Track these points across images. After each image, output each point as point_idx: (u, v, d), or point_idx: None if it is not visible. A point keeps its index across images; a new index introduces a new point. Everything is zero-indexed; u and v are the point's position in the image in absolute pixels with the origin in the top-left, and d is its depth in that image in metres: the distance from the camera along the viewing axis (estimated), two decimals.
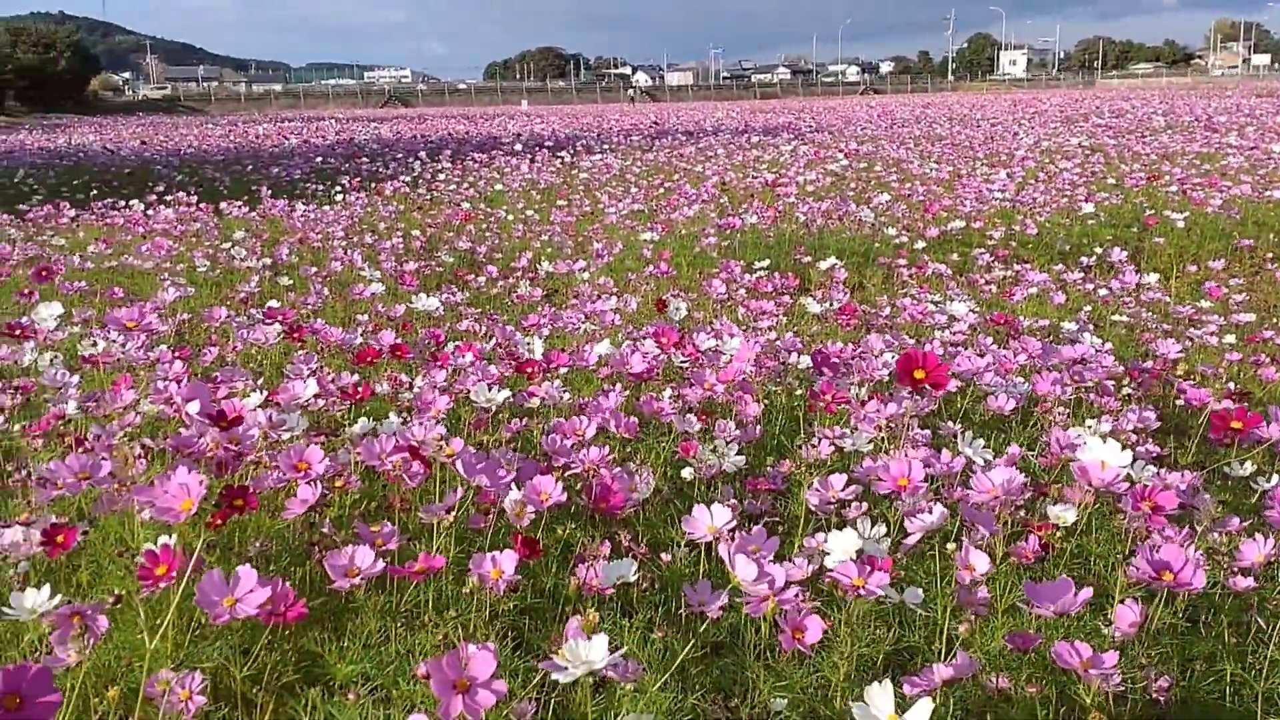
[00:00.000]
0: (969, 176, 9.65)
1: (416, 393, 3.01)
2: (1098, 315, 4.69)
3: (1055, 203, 7.81)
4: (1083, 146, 12.74)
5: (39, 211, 8.19)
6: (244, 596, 1.53)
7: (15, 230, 7.51)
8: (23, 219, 7.97)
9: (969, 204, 7.66)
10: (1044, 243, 6.75)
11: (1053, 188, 8.61)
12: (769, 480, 2.46)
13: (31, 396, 3.10)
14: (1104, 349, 3.29)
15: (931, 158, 11.97)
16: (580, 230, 7.65)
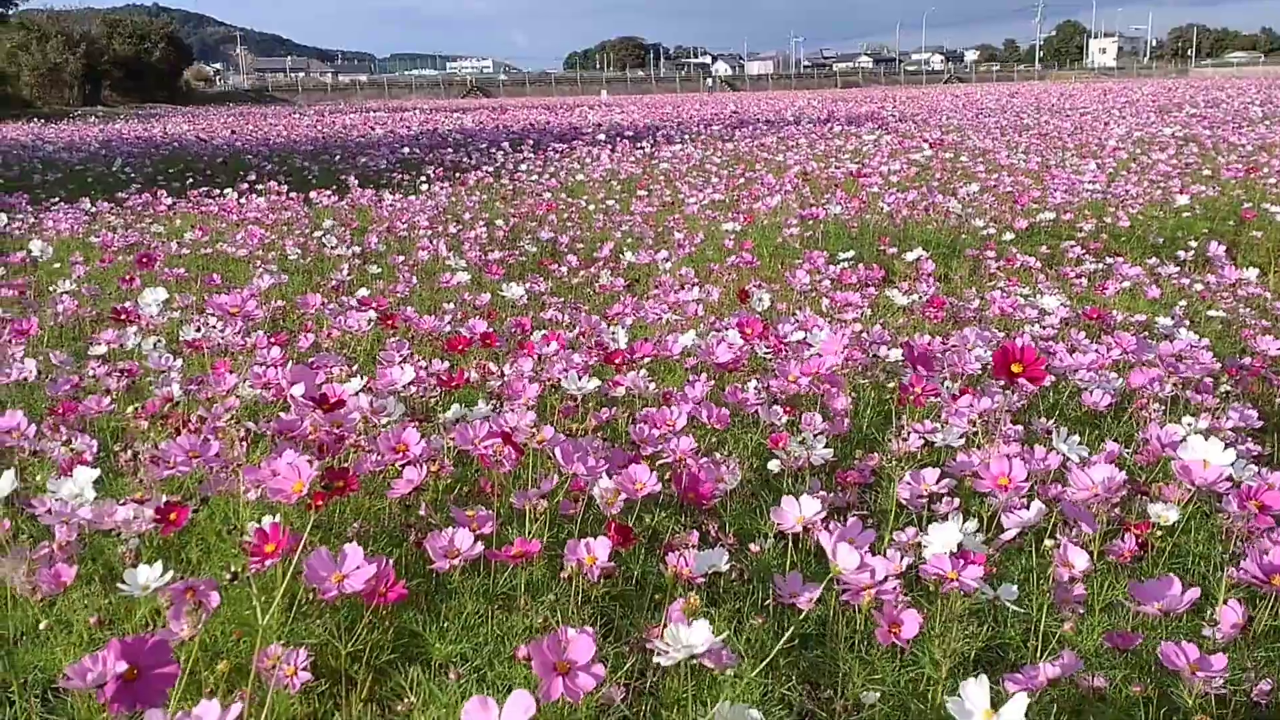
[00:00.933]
0: (1058, 167, 9.47)
1: (506, 380, 3.06)
2: (1193, 311, 4.58)
3: (1148, 195, 7.63)
4: (1176, 137, 12.40)
5: (137, 199, 8.44)
6: (351, 573, 1.57)
7: (115, 218, 7.74)
8: (122, 206, 8.21)
9: (1059, 195, 7.52)
10: (1137, 236, 6.60)
11: (1145, 179, 8.41)
12: (857, 473, 2.46)
13: (136, 380, 3.21)
14: (1201, 345, 3.21)
15: (1019, 148, 11.75)
16: (660, 220, 7.66)
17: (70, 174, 11.60)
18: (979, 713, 1.20)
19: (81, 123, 24.87)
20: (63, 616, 1.77)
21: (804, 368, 2.84)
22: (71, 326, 4.51)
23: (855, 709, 1.68)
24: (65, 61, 44.22)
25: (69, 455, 2.33)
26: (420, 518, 2.17)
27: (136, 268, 4.85)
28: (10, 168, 12.20)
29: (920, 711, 1.55)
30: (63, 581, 1.70)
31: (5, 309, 4.26)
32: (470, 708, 1.10)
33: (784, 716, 1.45)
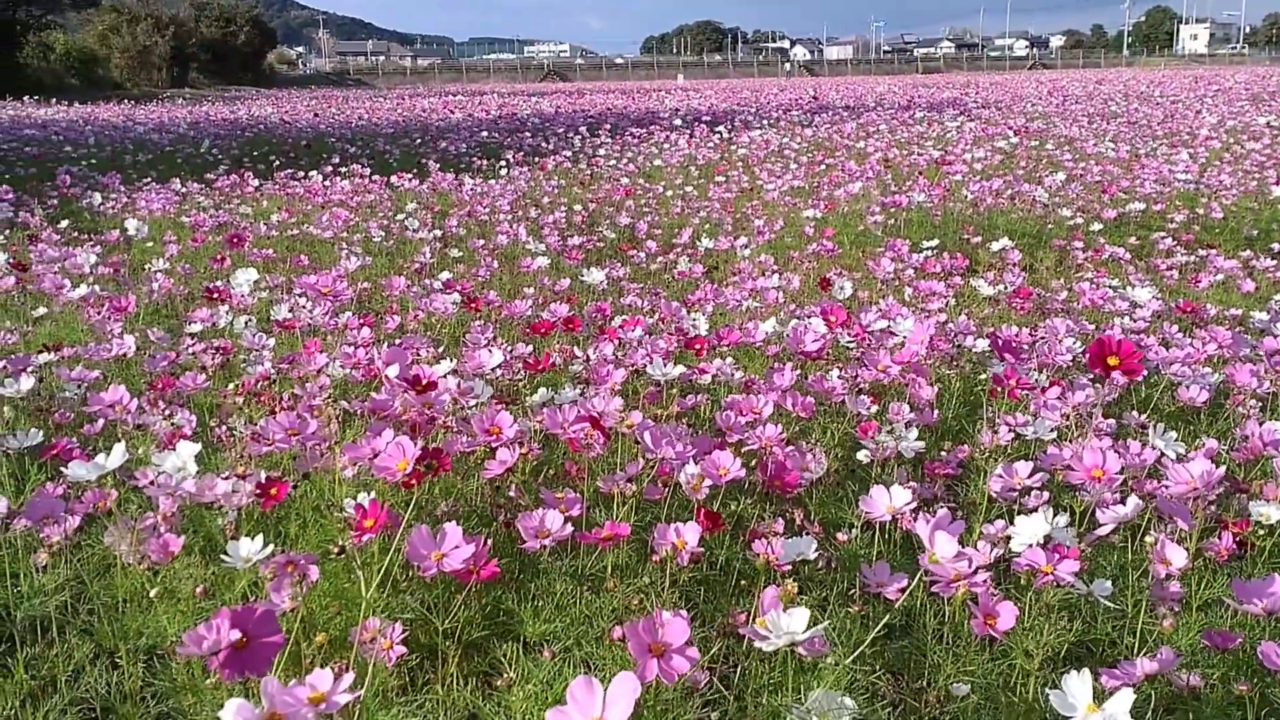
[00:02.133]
0: (1148, 156, 9.25)
1: (590, 364, 3.08)
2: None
3: (1243, 185, 7.42)
4: (1271, 126, 12.04)
5: (225, 181, 8.63)
6: (450, 552, 1.61)
7: (204, 198, 7.92)
8: (211, 187, 8.40)
9: (1149, 185, 7.35)
10: (1230, 227, 6.43)
11: (1240, 169, 8.18)
12: (945, 464, 2.44)
13: (230, 358, 3.29)
14: None
15: (1107, 136, 11.49)
16: (739, 207, 7.63)
17: (160, 155, 11.89)
18: (1081, 707, 1.19)
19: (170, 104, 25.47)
20: (168, 585, 1.83)
21: (896, 357, 2.82)
22: (165, 304, 4.63)
23: (945, 700, 1.67)
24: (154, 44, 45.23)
25: (170, 429, 2.40)
26: (509, 499, 2.20)
27: (227, 247, 4.96)
28: (103, 148, 12.54)
29: (1010, 705, 1.54)
30: (170, 551, 1.76)
31: (102, 286, 4.39)
32: (575, 688, 1.12)
33: (875, 705, 1.45)
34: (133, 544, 1.85)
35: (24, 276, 4.46)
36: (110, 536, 1.90)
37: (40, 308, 4.18)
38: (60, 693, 1.71)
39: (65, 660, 1.82)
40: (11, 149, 11.88)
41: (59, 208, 7.44)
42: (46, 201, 7.58)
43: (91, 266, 4.60)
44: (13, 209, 7.00)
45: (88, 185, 8.66)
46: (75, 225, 6.69)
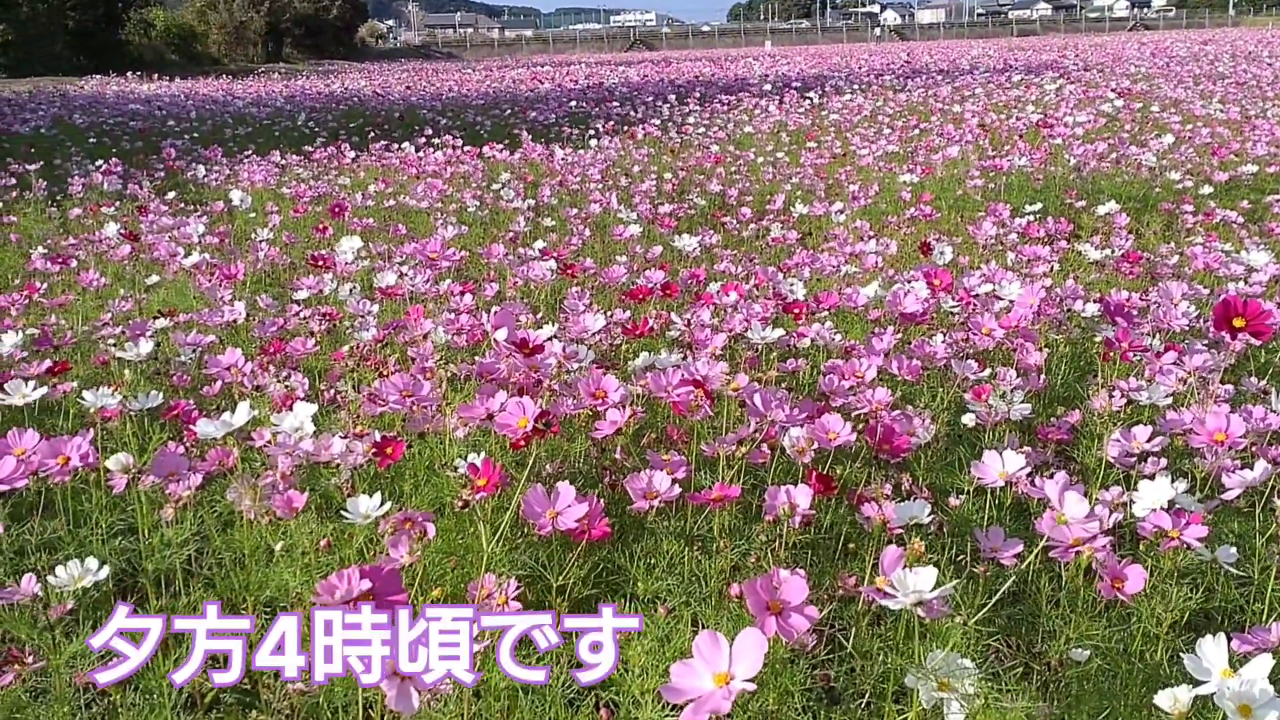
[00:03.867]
0: (1259, 118, 8.90)
1: (687, 329, 3.08)
2: None
3: None
4: None
5: (323, 153, 8.78)
6: (564, 510, 1.63)
7: (303, 170, 8.08)
8: (309, 159, 8.56)
9: (1261, 147, 7.08)
10: None
11: None
12: (1057, 429, 2.39)
13: (336, 324, 3.36)
14: None
15: (1215, 98, 11.08)
16: (831, 173, 7.54)
17: (259, 128, 12.14)
18: (1216, 671, 1.16)
19: (266, 79, 25.93)
20: (289, 540, 1.88)
21: (1002, 321, 2.77)
22: (269, 273, 4.75)
23: (1065, 665, 1.65)
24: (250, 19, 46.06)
25: (284, 391, 2.46)
26: (615, 461, 2.22)
27: (329, 217, 5.05)
28: (204, 122, 12.85)
29: (1131, 671, 1.51)
30: (295, 507, 1.81)
31: (210, 255, 4.51)
32: (701, 641, 1.12)
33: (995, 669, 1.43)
34: (255, 500, 1.90)
35: (137, 246, 4.60)
36: (233, 493, 1.96)
37: (153, 275, 4.31)
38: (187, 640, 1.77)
39: (192, 610, 1.88)
40: (118, 124, 12.23)
41: (165, 180, 7.65)
42: (153, 174, 7.81)
43: (200, 236, 4.72)
44: (121, 181, 7.22)
45: (191, 158, 8.89)
46: (181, 197, 6.88)
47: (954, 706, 1.29)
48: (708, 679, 1.13)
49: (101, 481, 2.12)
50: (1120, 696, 1.45)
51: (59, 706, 1.61)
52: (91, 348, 3.38)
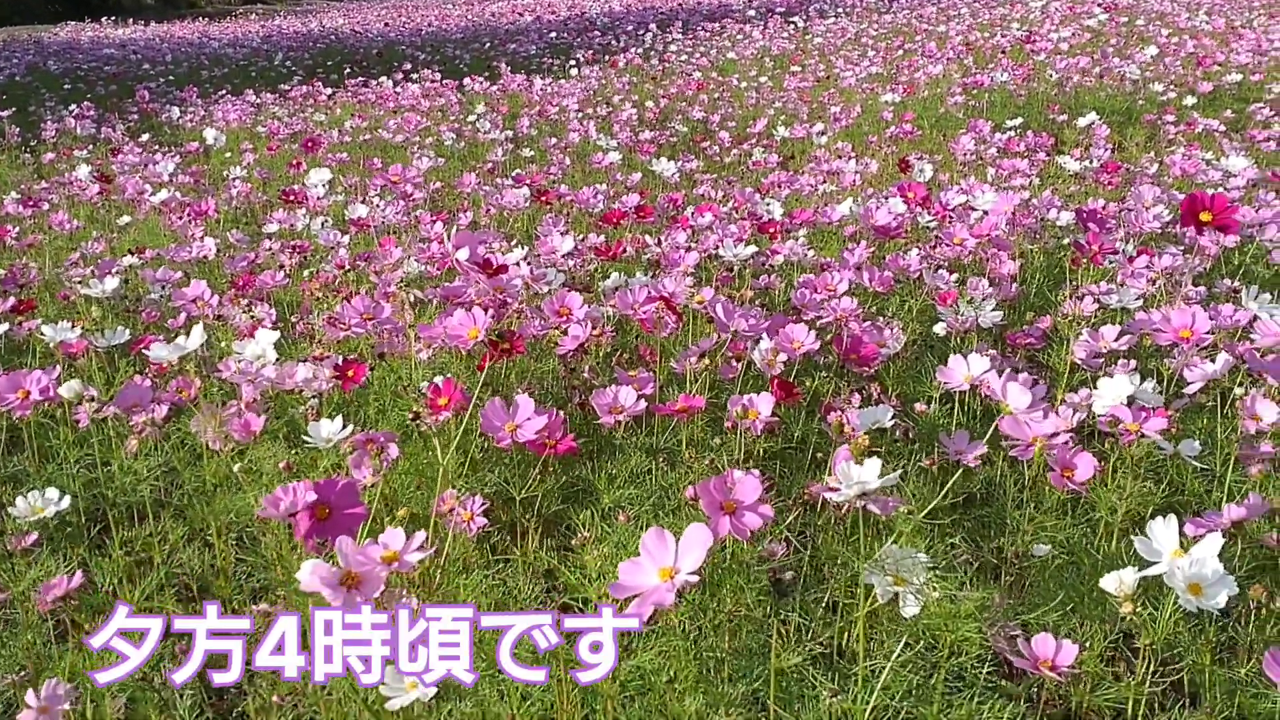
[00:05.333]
0: (1245, 28, 8.79)
1: (661, 251, 3.05)
2: None
3: None
4: None
5: (299, 91, 8.66)
6: (524, 423, 1.62)
7: (279, 108, 7.98)
8: (285, 98, 8.45)
9: (1245, 56, 7.00)
10: None
11: None
12: (1027, 335, 2.38)
13: (308, 256, 3.33)
14: None
15: (1201, 9, 10.92)
16: (815, 96, 7.45)
17: (235, 69, 11.95)
18: (1167, 552, 1.16)
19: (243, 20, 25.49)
20: (253, 466, 1.87)
21: (973, 230, 2.74)
22: (244, 210, 4.70)
23: (1025, 559, 1.66)
24: None
25: (250, 321, 2.44)
26: (583, 380, 2.21)
27: (303, 152, 5.00)
28: (179, 65, 12.64)
29: (1093, 564, 1.52)
30: (252, 431, 1.80)
31: (184, 194, 4.46)
32: (648, 539, 1.12)
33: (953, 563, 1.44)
34: (218, 428, 1.89)
35: (108, 187, 4.55)
36: (196, 423, 1.95)
37: (125, 216, 4.27)
38: (156, 570, 1.77)
39: (160, 541, 1.89)
40: (92, 69, 12.03)
41: (139, 122, 7.56)
42: (127, 117, 7.71)
43: (171, 174, 4.67)
44: (95, 125, 7.12)
45: (166, 100, 8.77)
46: (156, 138, 6.80)
47: (909, 599, 1.29)
48: (654, 575, 1.13)
49: (67, 417, 2.11)
50: (1079, 588, 1.46)
51: (26, 634, 1.61)
52: (60, 287, 3.35)
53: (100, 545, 1.97)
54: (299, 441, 2.03)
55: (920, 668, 1.33)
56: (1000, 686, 1.59)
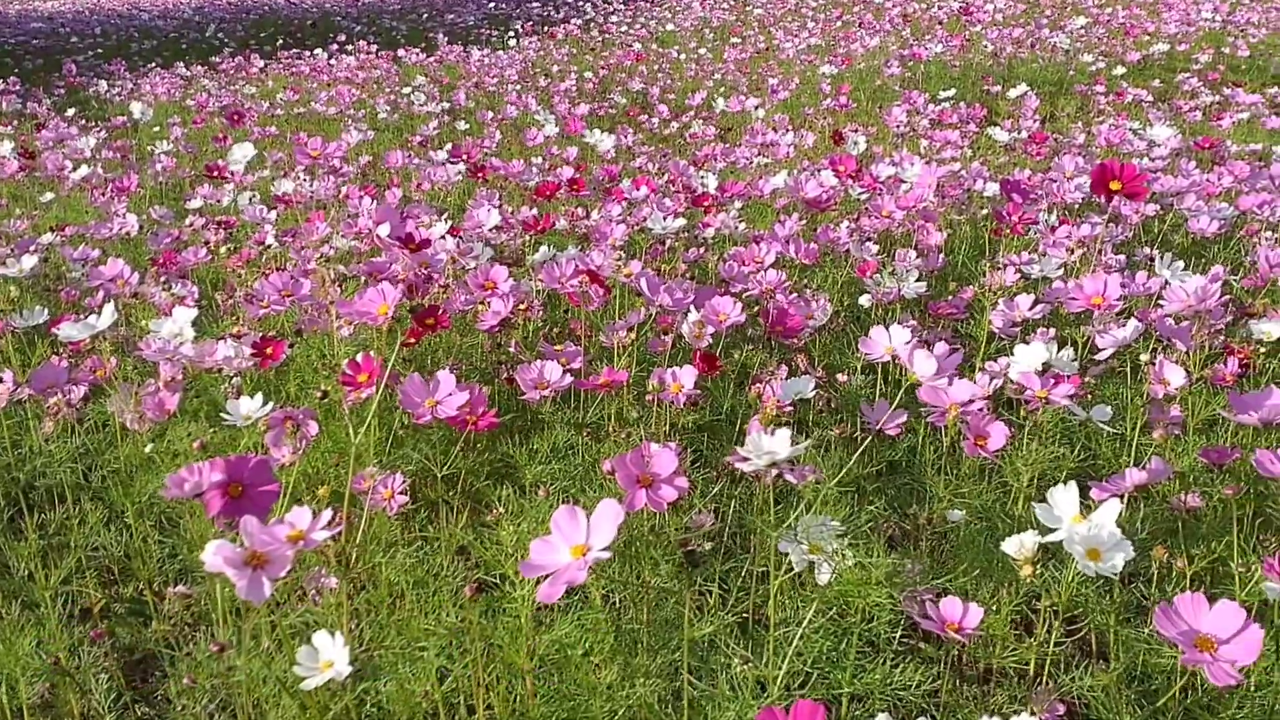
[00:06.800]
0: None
1: (594, 224, 3.04)
2: None
3: (1272, 23, 7.16)
4: None
5: (230, 63, 8.51)
6: (444, 399, 1.61)
7: (209, 81, 7.83)
8: (215, 70, 8.30)
9: (1174, 27, 7.11)
10: (1257, 66, 6.22)
11: (1270, 6, 7.88)
12: (950, 305, 2.41)
13: (233, 232, 3.28)
14: None
15: None
16: (755, 68, 7.45)
17: (165, 41, 11.71)
18: (1067, 518, 1.19)
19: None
20: (170, 447, 1.85)
21: (899, 201, 2.77)
22: (172, 185, 4.61)
23: (938, 524, 1.69)
24: None
25: (170, 299, 2.40)
26: (511, 355, 2.20)
27: (228, 124, 4.91)
28: (109, 37, 12.34)
29: (1007, 529, 1.55)
30: (167, 409, 1.77)
31: (109, 170, 4.37)
32: (559, 516, 1.12)
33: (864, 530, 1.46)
34: (134, 409, 1.86)
35: (30, 164, 4.44)
36: (113, 403, 1.91)
37: (48, 193, 4.17)
38: (73, 552, 1.75)
39: (78, 523, 1.86)
40: (19, 44, 11.71)
41: (66, 97, 7.38)
42: (54, 91, 7.51)
43: (94, 149, 4.57)
44: (20, 100, 6.94)
45: (94, 74, 8.56)
46: (82, 113, 6.63)
47: (823, 567, 1.31)
48: (565, 552, 1.13)
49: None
50: (993, 552, 1.48)
51: None
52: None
53: (19, 530, 1.93)
54: (221, 421, 2.01)
55: (832, 633, 1.35)
56: (920, 650, 1.62)
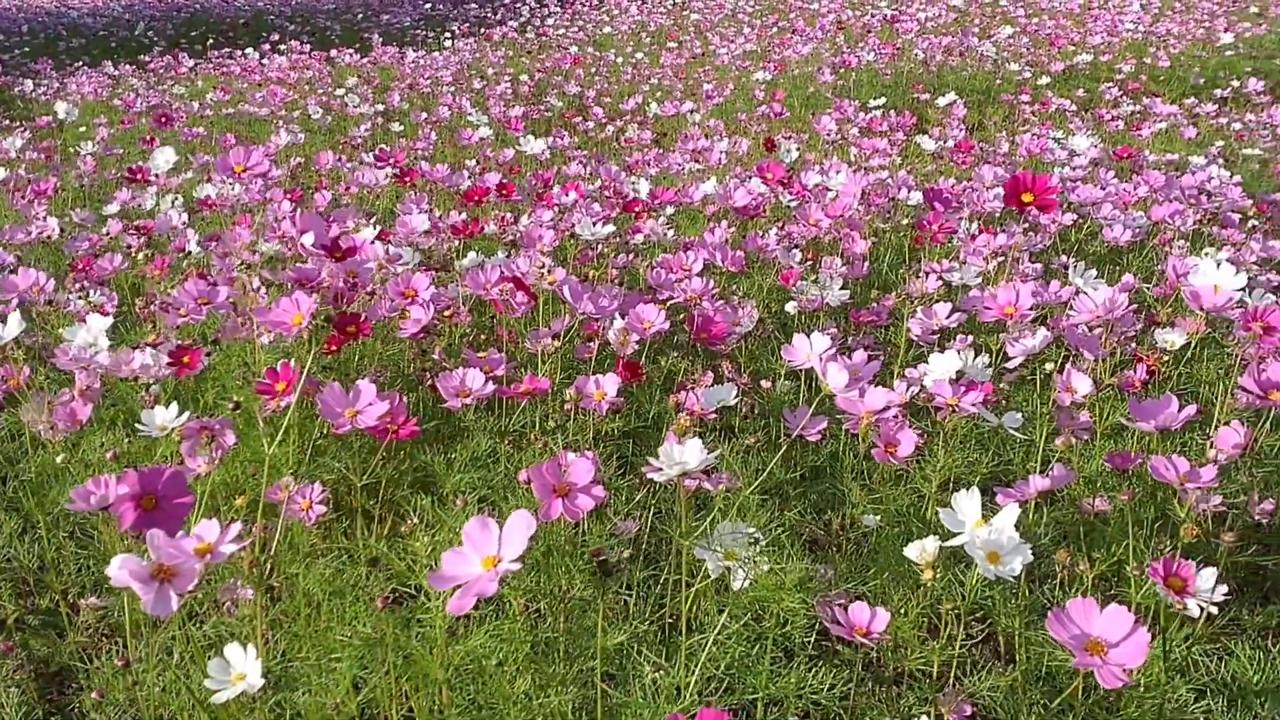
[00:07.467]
0: (1100, 8, 9.13)
1: (523, 230, 3.04)
2: (1230, 150, 4.45)
3: (1192, 34, 7.36)
4: None
5: (159, 62, 8.36)
6: (364, 409, 1.60)
7: (138, 80, 7.69)
8: (144, 69, 8.15)
9: (1099, 37, 7.27)
10: (1177, 76, 6.39)
11: (1190, 18, 8.09)
12: (871, 313, 2.44)
13: (154, 237, 3.22)
14: (1232, 181, 3.13)
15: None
16: (691, 73, 7.49)
17: (94, 40, 11.48)
18: (970, 523, 1.21)
19: None
20: (85, 457, 1.82)
21: (826, 210, 2.80)
22: (97, 188, 4.52)
23: (854, 529, 1.71)
24: None
25: (87, 307, 2.36)
26: (435, 362, 2.19)
27: (155, 126, 4.83)
28: (36, 35, 12.07)
29: (920, 531, 1.58)
30: (79, 420, 1.74)
31: (32, 171, 4.27)
32: (470, 527, 1.12)
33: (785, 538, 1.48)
34: (46, 418, 1.83)
35: None
36: (26, 413, 1.88)
37: None
38: None
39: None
40: None
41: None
42: None
43: (19, 150, 4.47)
44: None
45: (20, 73, 8.37)
46: (7, 113, 6.49)
47: (738, 573, 1.32)
48: (476, 564, 1.13)
49: None
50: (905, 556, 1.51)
51: None
52: None
53: None
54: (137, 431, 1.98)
55: (747, 639, 1.36)
56: (839, 653, 1.65)
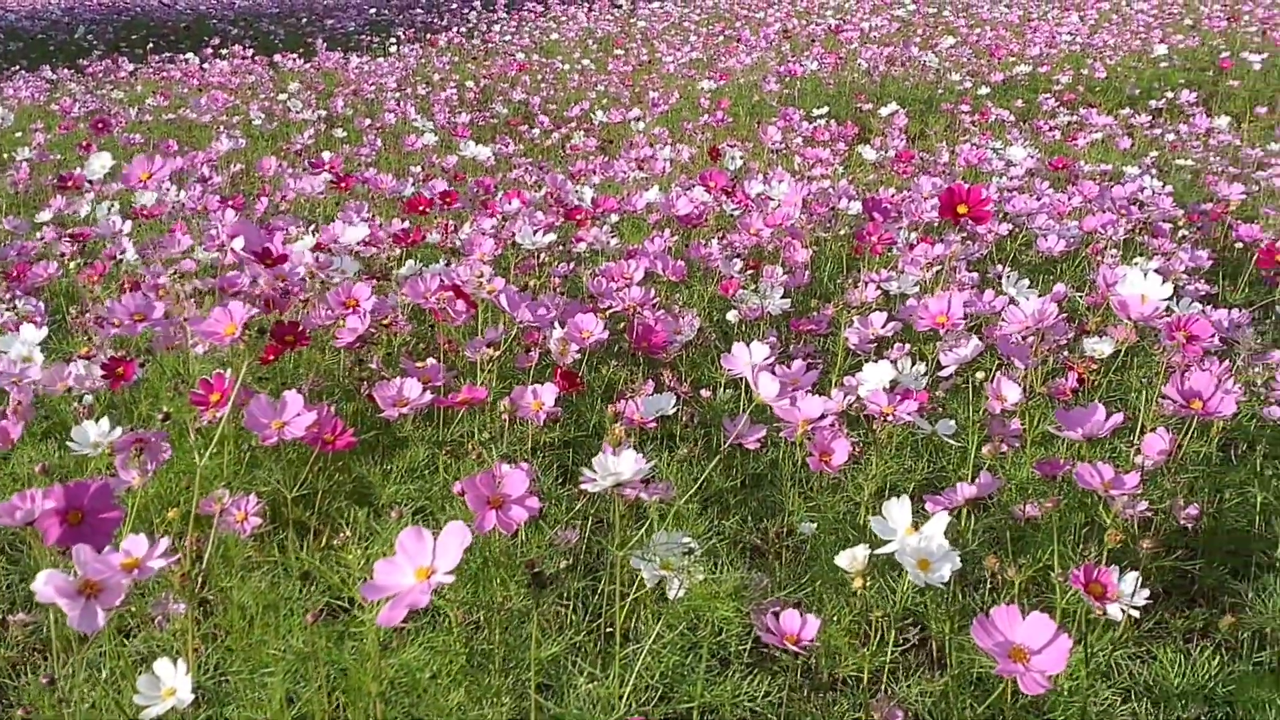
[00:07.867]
0: (1040, 20, 9.28)
1: (465, 238, 3.03)
2: (1164, 160, 4.55)
3: (1127, 46, 7.51)
4: None
5: (98, 66, 8.22)
6: (291, 420, 1.58)
7: (76, 85, 7.56)
8: (83, 74, 8.01)
9: (1038, 48, 7.40)
10: (1113, 87, 6.52)
11: (1126, 30, 8.26)
12: (811, 322, 2.47)
13: (89, 244, 3.17)
14: (1163, 191, 3.20)
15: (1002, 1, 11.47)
16: (637, 80, 7.52)
17: (32, 43, 11.27)
18: (900, 530, 1.23)
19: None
20: (14, 471, 1.79)
21: (767, 219, 2.82)
22: (33, 195, 4.44)
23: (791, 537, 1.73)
24: None
25: (16, 318, 2.31)
26: (372, 371, 2.18)
27: (92, 132, 4.75)
28: None
29: (855, 538, 1.60)
30: (10, 438, 1.71)
31: None
32: (405, 537, 1.11)
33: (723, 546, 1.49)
34: None
35: None
36: None
37: None
38: None
39: None
40: None
41: None
42: None
43: None
44: None
45: None
46: None
47: (674, 582, 1.33)
48: (410, 575, 1.13)
49: None
50: None
51: None
52: None
53: None
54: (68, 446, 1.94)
55: (682, 648, 1.37)
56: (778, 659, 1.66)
